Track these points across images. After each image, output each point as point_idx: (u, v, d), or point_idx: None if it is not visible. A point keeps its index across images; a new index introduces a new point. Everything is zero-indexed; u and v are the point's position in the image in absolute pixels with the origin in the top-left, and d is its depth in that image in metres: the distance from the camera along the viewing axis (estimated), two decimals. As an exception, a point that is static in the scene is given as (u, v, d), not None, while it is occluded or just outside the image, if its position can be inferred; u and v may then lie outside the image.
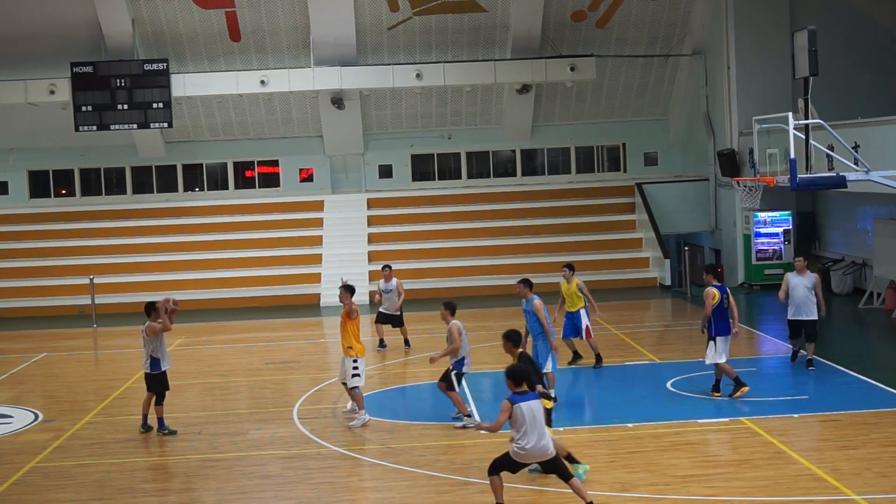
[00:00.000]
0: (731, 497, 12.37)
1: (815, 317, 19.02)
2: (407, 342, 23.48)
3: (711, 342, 17.01)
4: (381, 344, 23.32)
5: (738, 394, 16.85)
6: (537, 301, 16.73)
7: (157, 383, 16.62)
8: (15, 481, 14.31)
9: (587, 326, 20.00)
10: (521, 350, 13.72)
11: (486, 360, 21.20)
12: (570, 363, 20.18)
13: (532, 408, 11.52)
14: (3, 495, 13.70)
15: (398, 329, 23.45)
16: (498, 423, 11.66)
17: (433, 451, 14.75)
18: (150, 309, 16.60)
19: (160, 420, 16.61)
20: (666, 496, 12.44)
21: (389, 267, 23.72)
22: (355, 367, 16.40)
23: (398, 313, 23.30)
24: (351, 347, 16.48)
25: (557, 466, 11.76)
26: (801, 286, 18.94)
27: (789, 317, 19.29)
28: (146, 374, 16.64)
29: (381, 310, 23.61)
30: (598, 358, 20.32)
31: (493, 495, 11.86)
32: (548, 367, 16.54)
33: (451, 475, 13.64)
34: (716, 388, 17.21)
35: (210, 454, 15.60)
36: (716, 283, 17.21)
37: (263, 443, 15.85)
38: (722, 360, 16.98)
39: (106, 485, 14.02)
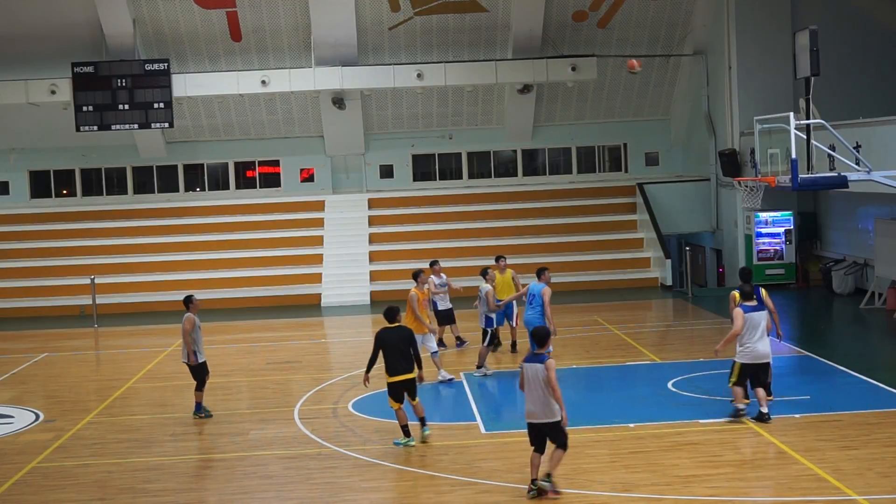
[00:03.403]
0: (733, 497, 12.36)
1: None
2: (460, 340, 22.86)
3: None
4: (456, 342, 22.81)
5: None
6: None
7: (200, 372, 17.50)
8: (16, 481, 14.30)
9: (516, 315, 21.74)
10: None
11: (487, 361, 21.17)
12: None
13: (532, 370, 12.63)
14: (4, 495, 13.70)
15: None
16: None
17: (435, 451, 14.73)
18: (188, 302, 17.56)
19: (198, 404, 17.47)
20: (667, 496, 12.43)
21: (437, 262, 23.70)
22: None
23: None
24: None
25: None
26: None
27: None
28: (190, 366, 17.50)
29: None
30: (514, 345, 21.95)
31: (496, 495, 11.79)
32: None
33: (453, 475, 13.62)
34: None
35: (211, 454, 15.62)
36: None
37: (265, 443, 15.84)
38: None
39: (107, 485, 14.02)
